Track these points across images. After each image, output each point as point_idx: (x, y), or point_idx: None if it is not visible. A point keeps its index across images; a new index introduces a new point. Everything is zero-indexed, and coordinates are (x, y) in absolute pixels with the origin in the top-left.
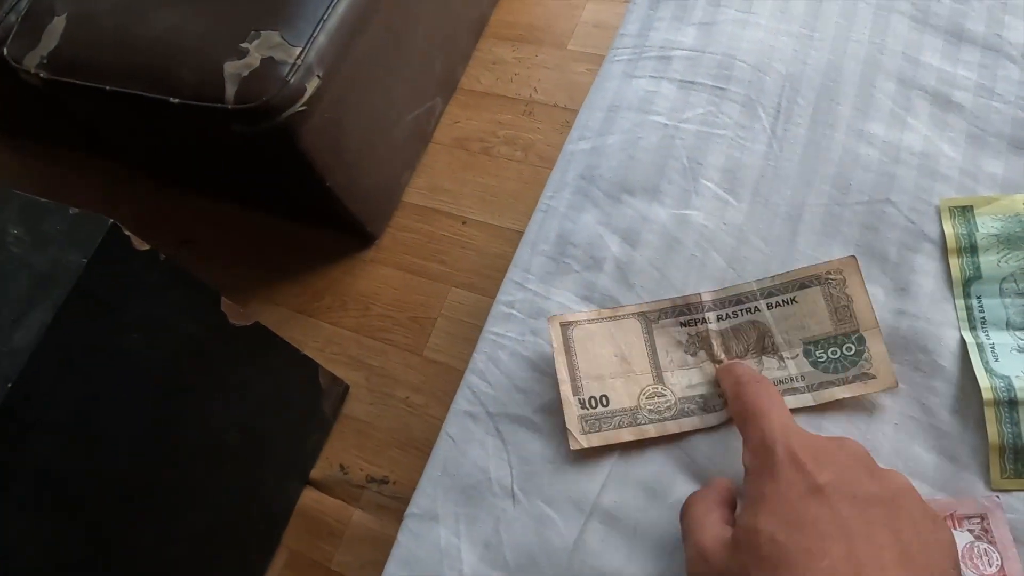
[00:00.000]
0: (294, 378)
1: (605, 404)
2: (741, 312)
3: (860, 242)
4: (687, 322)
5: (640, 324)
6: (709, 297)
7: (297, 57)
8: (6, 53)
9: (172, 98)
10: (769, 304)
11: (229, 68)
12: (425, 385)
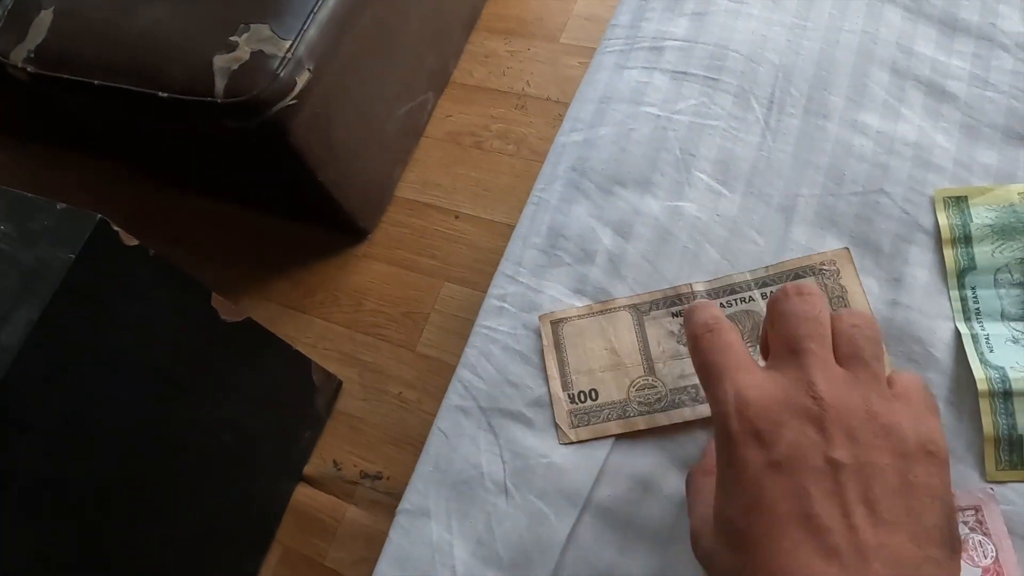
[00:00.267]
0: (287, 374)
1: (594, 398)
2: (735, 302)
3: (854, 233)
4: (679, 312)
5: (631, 316)
6: (701, 287)
7: (287, 51)
8: None
9: (161, 92)
10: (763, 294)
11: (218, 62)
12: (418, 380)
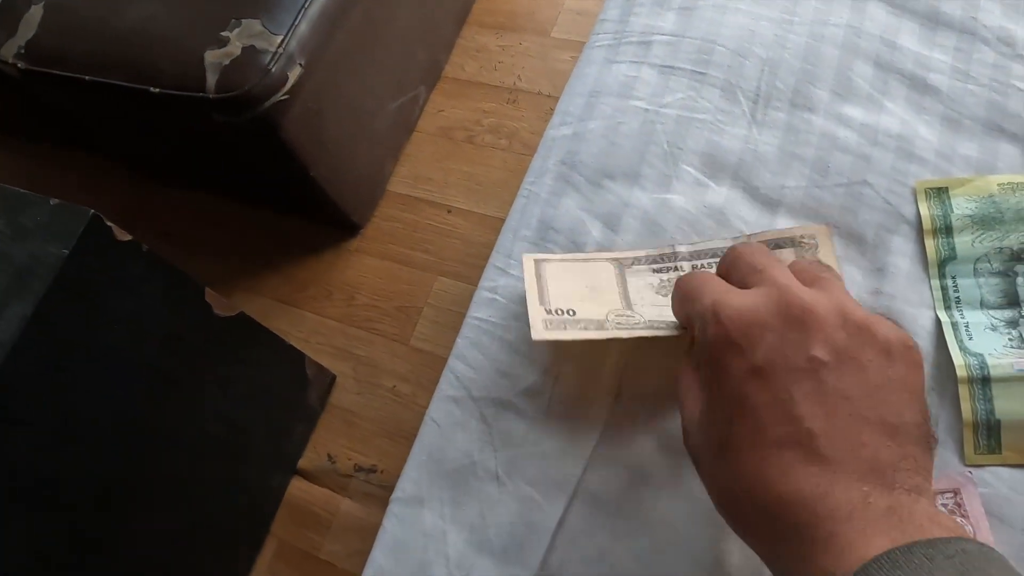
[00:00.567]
0: (280, 369)
1: (572, 315)
2: (716, 264)
3: (839, 224)
4: (661, 269)
5: (613, 267)
6: (684, 249)
7: (278, 46)
8: None
9: (152, 88)
10: None
11: (210, 57)
12: (412, 374)
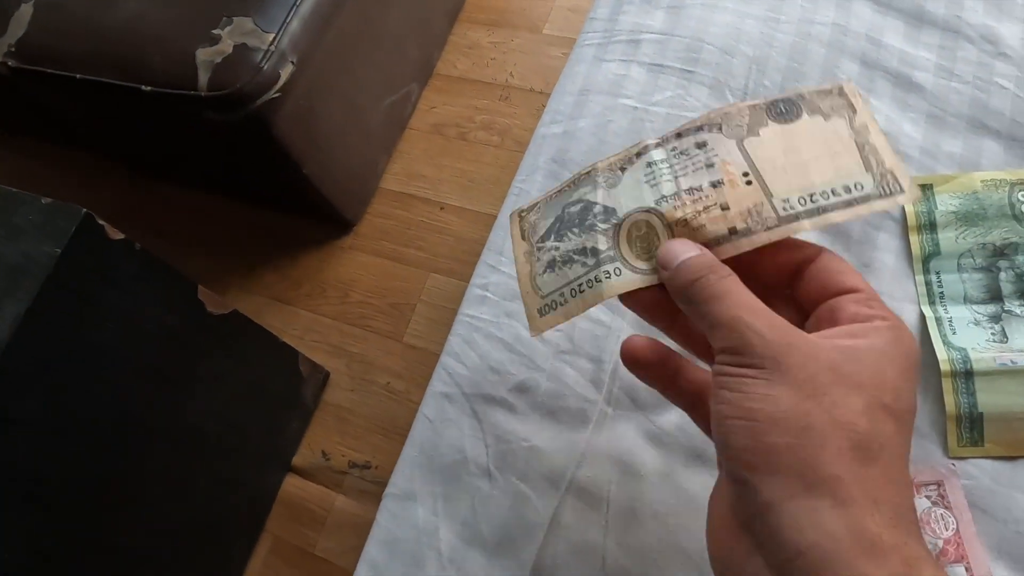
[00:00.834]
0: (274, 366)
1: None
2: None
3: None
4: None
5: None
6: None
7: (270, 43)
8: None
9: (144, 86)
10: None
11: (201, 55)
12: (406, 371)
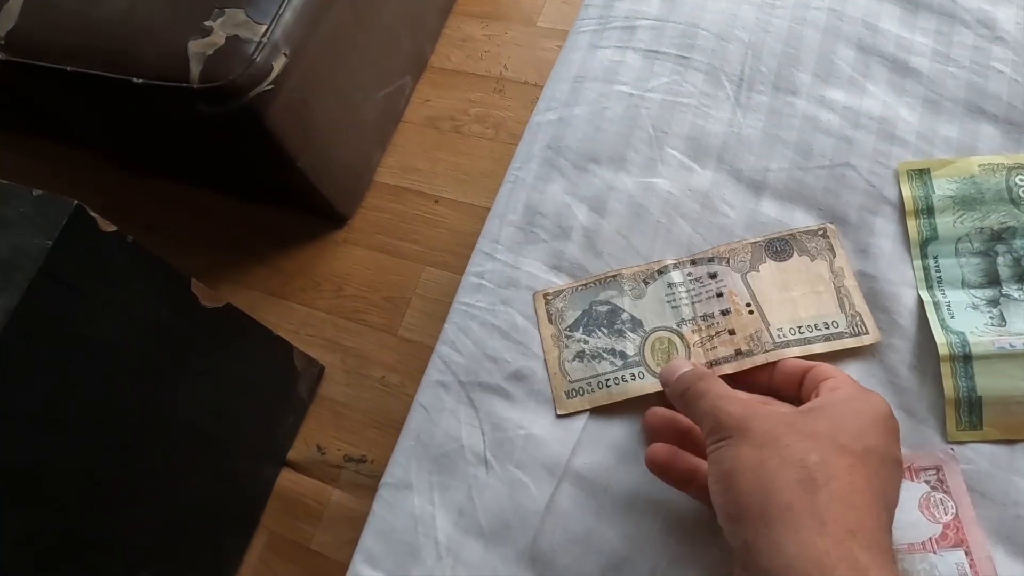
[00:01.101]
0: (268, 360)
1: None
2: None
3: (822, 206)
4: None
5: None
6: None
7: (262, 35)
8: None
9: (135, 78)
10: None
11: (193, 47)
12: (401, 364)
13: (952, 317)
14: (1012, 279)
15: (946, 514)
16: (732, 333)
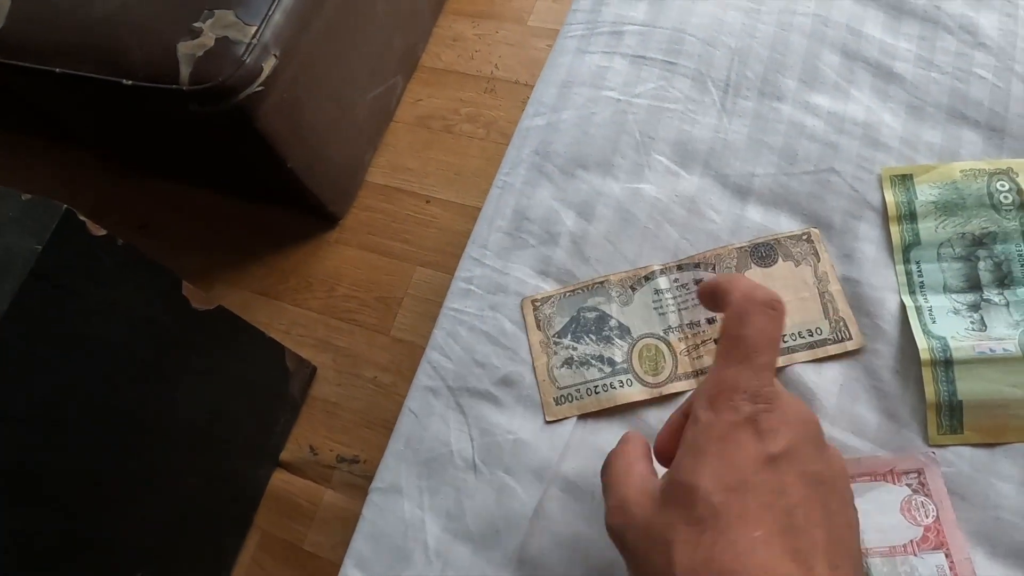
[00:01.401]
0: (260, 361)
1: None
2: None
3: (807, 211)
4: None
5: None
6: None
7: (252, 36)
8: None
9: (125, 80)
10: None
11: (183, 48)
12: (393, 364)
13: (934, 322)
14: (992, 284)
15: (927, 517)
16: (717, 342)
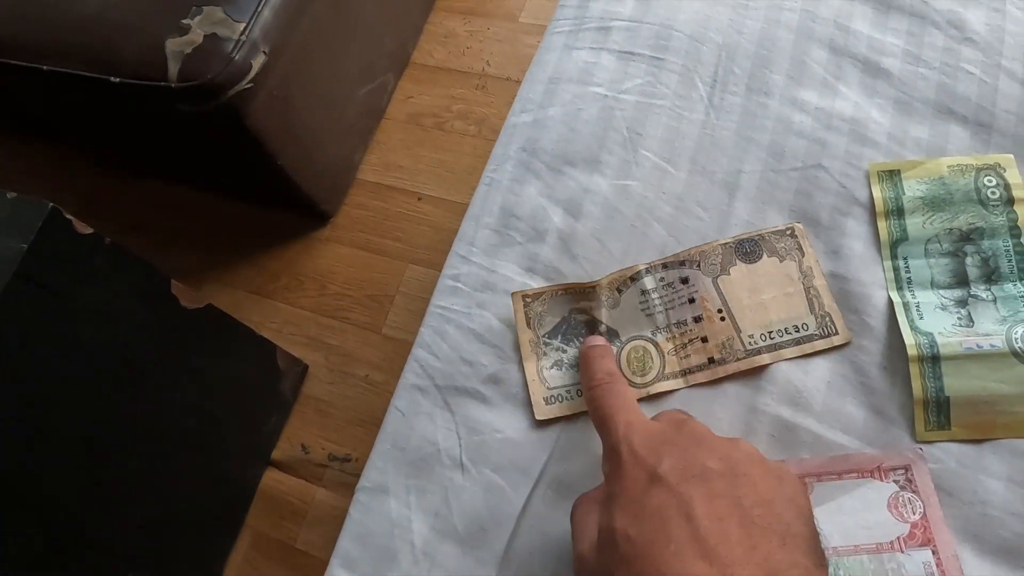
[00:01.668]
0: (251, 360)
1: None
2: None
3: (794, 207)
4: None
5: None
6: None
7: (241, 33)
8: None
9: (113, 77)
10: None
11: (171, 45)
12: (384, 362)
13: (921, 318)
14: (980, 280)
15: (914, 513)
16: (705, 340)
